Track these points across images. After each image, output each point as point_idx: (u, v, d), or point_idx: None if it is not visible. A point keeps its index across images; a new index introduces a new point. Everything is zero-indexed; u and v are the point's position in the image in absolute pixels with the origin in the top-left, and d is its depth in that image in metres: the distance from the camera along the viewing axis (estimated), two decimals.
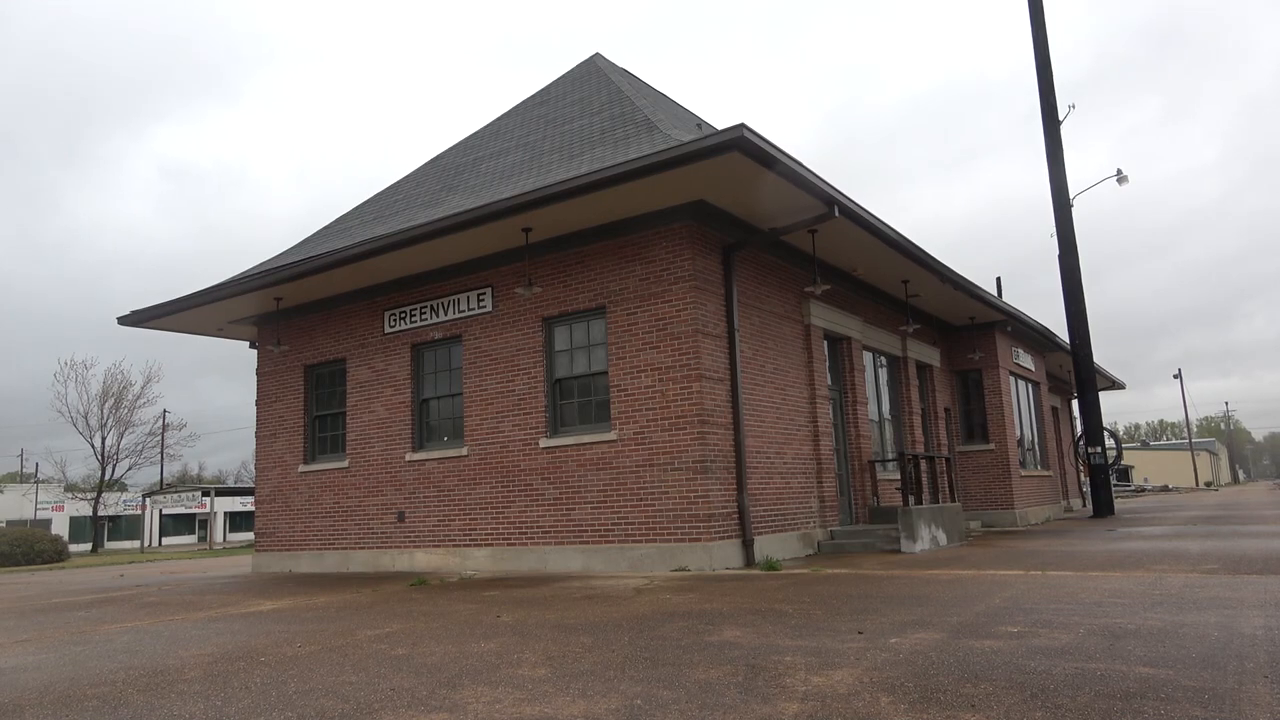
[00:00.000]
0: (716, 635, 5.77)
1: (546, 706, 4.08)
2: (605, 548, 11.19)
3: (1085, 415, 21.40)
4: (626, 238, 11.55)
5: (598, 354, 11.82)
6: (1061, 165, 21.99)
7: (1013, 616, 6.06)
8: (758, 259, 12.44)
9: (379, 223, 14.59)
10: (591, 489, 11.42)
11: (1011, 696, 3.89)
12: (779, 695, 4.09)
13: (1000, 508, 19.33)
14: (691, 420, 10.73)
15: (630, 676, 4.63)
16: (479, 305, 12.94)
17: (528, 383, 12.27)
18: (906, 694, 4.01)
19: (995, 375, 20.01)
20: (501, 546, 12.18)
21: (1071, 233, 21.72)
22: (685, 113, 17.24)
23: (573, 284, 12.00)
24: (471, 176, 14.57)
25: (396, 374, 13.83)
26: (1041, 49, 22.32)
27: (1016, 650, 4.87)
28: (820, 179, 10.62)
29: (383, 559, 13.50)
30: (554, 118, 15.08)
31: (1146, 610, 6.10)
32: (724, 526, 10.75)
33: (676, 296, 11.04)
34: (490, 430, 12.54)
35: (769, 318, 12.58)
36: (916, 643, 5.20)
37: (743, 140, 9.27)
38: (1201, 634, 5.13)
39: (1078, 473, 28.42)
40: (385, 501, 13.67)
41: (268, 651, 6.03)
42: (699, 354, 10.83)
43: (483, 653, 5.54)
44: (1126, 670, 4.29)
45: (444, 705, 4.21)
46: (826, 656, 4.91)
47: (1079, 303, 21.31)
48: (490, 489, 12.43)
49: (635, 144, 11.65)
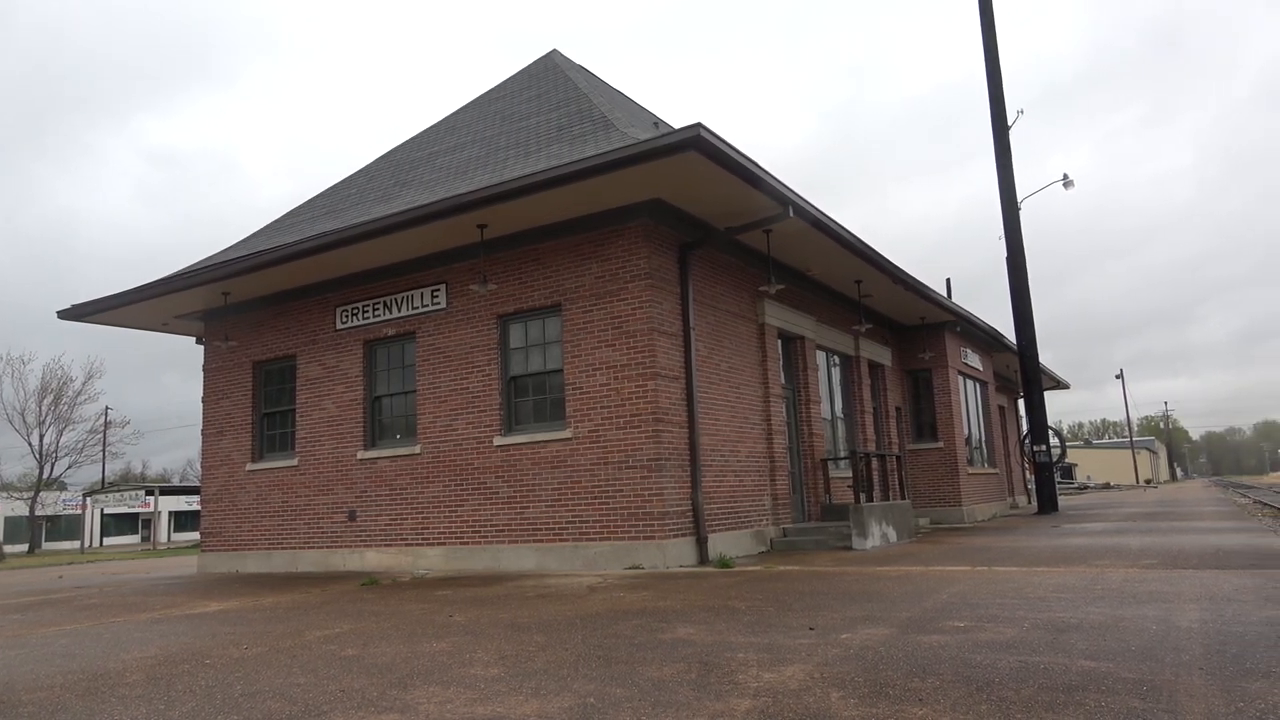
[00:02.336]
0: (670, 633, 5.79)
1: (499, 706, 4.06)
2: (559, 546, 11.16)
3: (1031, 414, 21.88)
4: (583, 235, 11.53)
5: (553, 352, 11.79)
6: (1010, 169, 22.43)
7: (960, 612, 6.17)
8: (713, 258, 12.50)
9: (330, 217, 14.37)
10: (546, 487, 11.39)
11: (958, 690, 3.96)
12: (731, 692, 4.12)
13: (949, 505, 19.69)
14: (646, 418, 10.75)
15: (584, 675, 4.62)
16: (433, 302, 12.81)
17: (482, 380, 12.18)
18: (856, 689, 4.07)
19: (945, 375, 20.37)
20: (455, 545, 12.08)
21: (1019, 236, 22.16)
22: (643, 111, 17.25)
23: (528, 281, 11.94)
24: (426, 171, 14.42)
25: (348, 371, 13.64)
26: (992, 57, 22.74)
27: (963, 645, 4.96)
28: (776, 179, 10.71)
29: (333, 558, 13.31)
30: (510, 113, 14.99)
31: (1088, 605, 6.26)
32: (678, 524, 10.79)
33: (632, 295, 11.05)
34: (444, 428, 12.43)
35: (724, 316, 12.65)
36: (866, 638, 5.28)
37: (699, 139, 9.31)
38: (1141, 627, 5.28)
39: (1023, 470, 29.05)
40: (336, 500, 13.47)
41: (213, 653, 5.91)
42: (654, 352, 10.85)
43: (435, 652, 5.50)
44: (1069, 663, 4.40)
45: (394, 706, 4.16)
46: (778, 653, 4.95)
47: (1026, 304, 21.77)
48: (444, 487, 12.32)
49: (592, 141, 11.63)
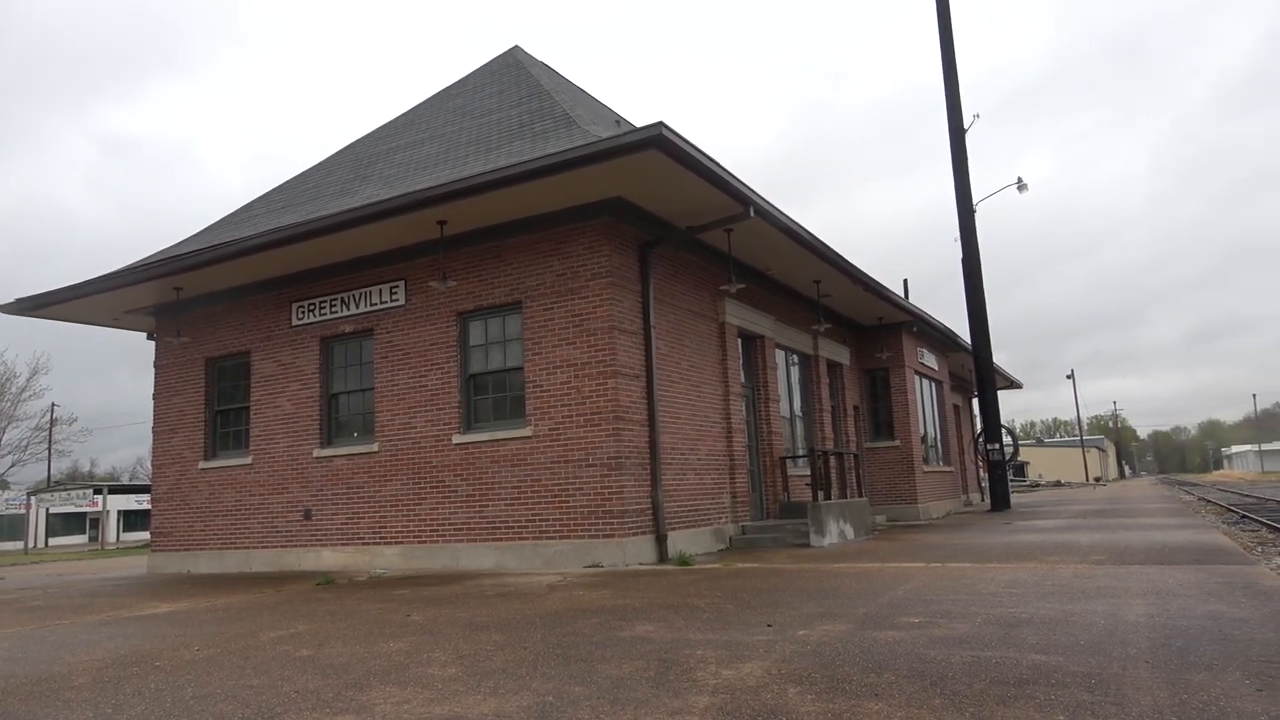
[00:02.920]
0: (629, 631, 5.80)
1: (457, 706, 4.03)
2: (519, 545, 11.11)
3: (985, 413, 22.26)
4: (544, 233, 11.49)
5: (513, 349, 11.73)
6: (965, 172, 22.80)
7: (915, 608, 6.26)
8: (674, 257, 12.53)
9: (287, 211, 14.14)
10: (505, 485, 11.33)
11: (912, 685, 4.02)
12: (690, 689, 4.13)
13: (905, 502, 19.95)
14: (607, 416, 10.74)
15: (542, 674, 4.61)
16: (391, 299, 12.67)
17: (441, 378, 12.08)
18: (813, 684, 4.11)
19: (902, 374, 20.64)
20: (413, 544, 11.97)
21: (974, 238, 22.54)
22: (605, 109, 17.23)
23: (489, 278, 11.87)
24: (385, 166, 14.26)
25: (304, 368, 13.44)
26: (949, 61, 23.08)
27: (918, 640, 5.03)
28: (737, 179, 10.77)
29: (288, 558, 13.12)
30: (471, 109, 14.88)
31: (1039, 600, 6.39)
32: (638, 523, 10.80)
33: (593, 293, 11.03)
34: (402, 426, 12.31)
35: (685, 315, 12.69)
36: (823, 635, 5.33)
37: (661, 138, 9.32)
38: (1089, 622, 5.40)
39: (977, 468, 29.54)
40: (291, 499, 13.28)
41: (163, 655, 5.79)
42: (615, 350, 10.84)
43: (391, 652, 5.44)
44: (1020, 657, 4.48)
45: (350, 707, 4.11)
46: (737, 650, 4.98)
47: (980, 305, 22.14)
48: (401, 485, 12.20)
49: (554, 139, 11.59)
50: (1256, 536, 13.58)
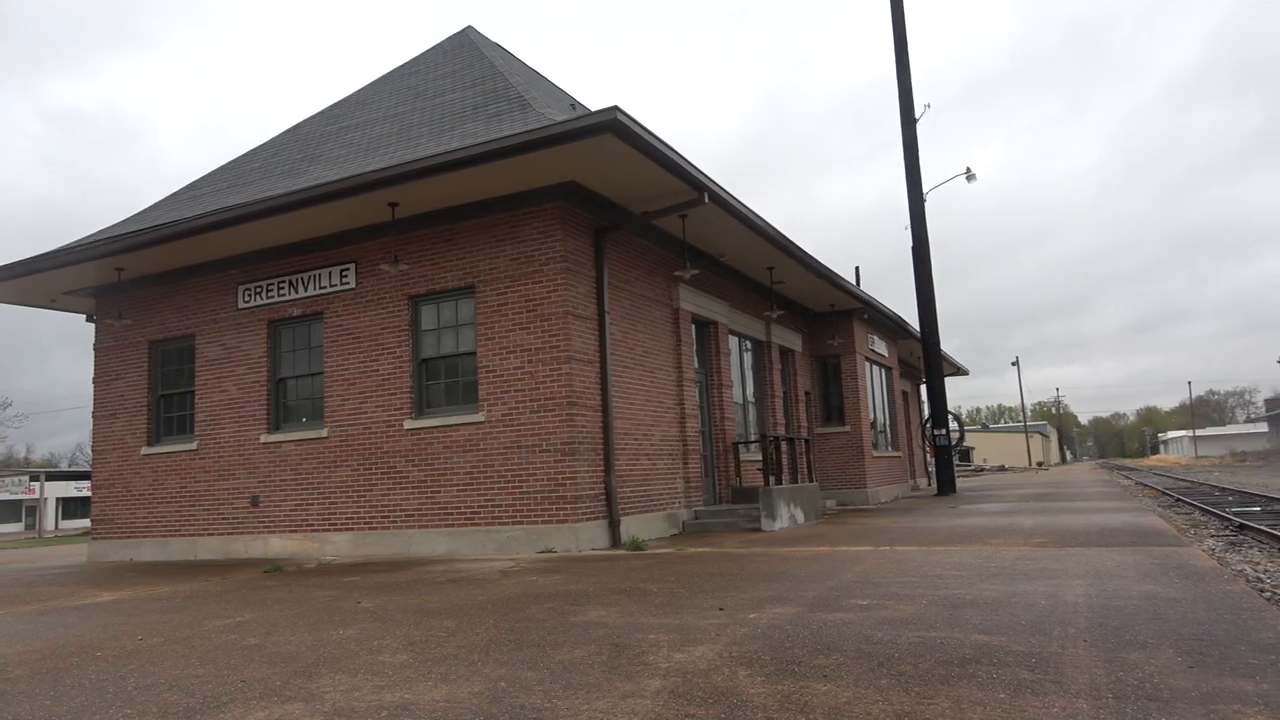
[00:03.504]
0: (582, 615, 5.81)
1: (407, 693, 4.01)
2: (471, 530, 11.06)
3: (932, 399, 22.67)
4: (498, 216, 11.39)
5: (466, 334, 11.63)
6: (916, 161, 23.09)
7: (863, 590, 6.37)
8: (629, 242, 12.51)
9: (233, 191, 13.82)
10: (458, 471, 11.26)
11: (860, 666, 4.10)
12: (642, 672, 4.16)
13: (854, 487, 20.27)
14: (560, 402, 10.72)
15: (494, 659, 4.61)
16: (341, 282, 12.47)
17: (392, 363, 11.94)
18: (763, 667, 4.17)
19: (852, 361, 20.92)
20: (363, 531, 11.85)
21: (924, 226, 22.87)
22: (560, 92, 17.10)
23: (441, 262, 11.74)
24: (335, 147, 13.99)
25: (251, 352, 13.18)
26: (901, 50, 23.32)
27: (866, 622, 5.13)
28: (692, 164, 10.78)
29: (234, 545, 12.89)
30: (424, 90, 14.66)
31: (983, 582, 6.54)
32: (591, 508, 10.82)
33: (547, 278, 10.98)
34: (352, 411, 12.15)
35: (639, 301, 12.70)
36: (774, 617, 5.40)
37: (616, 123, 9.29)
38: (1031, 603, 5.55)
39: (924, 453, 30.11)
40: (238, 485, 13.04)
41: (105, 645, 5.66)
42: (569, 336, 10.82)
43: (341, 640, 5.39)
44: (964, 638, 4.59)
45: (299, 695, 4.07)
46: (689, 633, 5.03)
47: (929, 293, 22.49)
48: (351, 472, 12.06)
49: (508, 121, 11.48)
50: (1190, 519, 14.06)
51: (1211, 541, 10.61)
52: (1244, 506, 16.38)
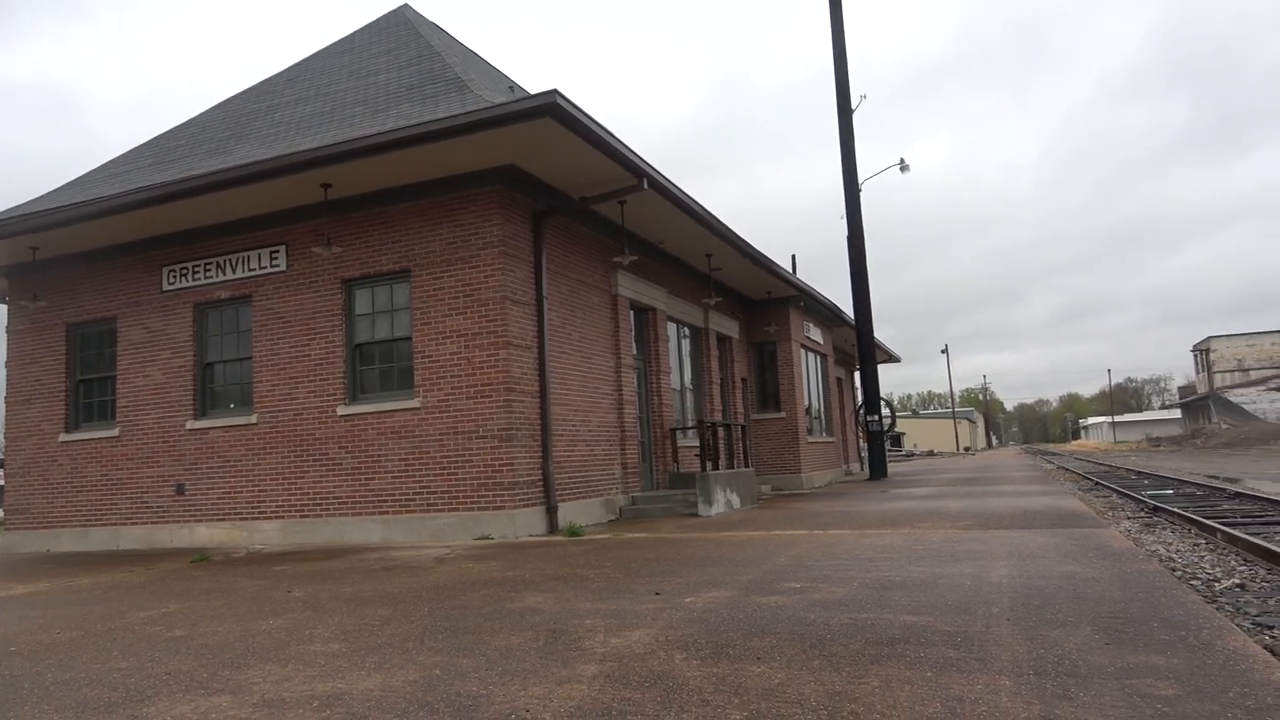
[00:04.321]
0: (518, 602, 5.80)
1: (340, 682, 3.95)
2: (406, 518, 10.93)
3: (865, 386, 23.12)
4: (434, 199, 11.21)
5: (401, 319, 11.45)
6: (852, 152, 23.43)
7: (796, 573, 6.48)
8: (567, 227, 12.45)
9: (157, 169, 13.34)
10: (392, 458, 11.10)
11: (793, 647, 4.17)
12: (578, 658, 4.17)
13: (789, 472, 20.58)
14: (498, 388, 10.64)
15: (429, 647, 4.57)
16: (271, 264, 12.16)
17: (325, 347, 11.70)
18: (699, 650, 4.21)
19: (788, 348, 21.20)
20: (294, 519, 11.61)
21: (859, 216, 23.23)
22: (499, 74, 16.89)
23: (376, 245, 11.52)
24: (265, 125, 13.60)
25: (176, 335, 12.77)
26: (838, 40, 23.59)
27: (799, 604, 5.22)
28: (631, 151, 10.76)
29: (159, 535, 12.52)
30: (358, 69, 14.33)
31: (912, 564, 6.71)
32: (528, 494, 10.78)
33: (485, 262, 10.86)
34: (283, 397, 11.88)
35: (577, 286, 12.65)
36: (709, 601, 5.46)
37: (555, 106, 9.22)
38: (957, 584, 5.71)
39: (857, 439, 30.71)
40: (162, 473, 12.65)
41: (20, 640, 5.45)
42: (506, 321, 10.73)
43: (271, 630, 5.28)
44: (893, 618, 4.71)
45: (227, 687, 3.98)
46: (625, 618, 5.05)
47: (863, 282, 22.89)
48: (282, 458, 11.79)
49: (445, 102, 11.30)
50: (1108, 502, 14.63)
51: (1128, 523, 11.06)
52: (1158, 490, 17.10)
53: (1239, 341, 70.14)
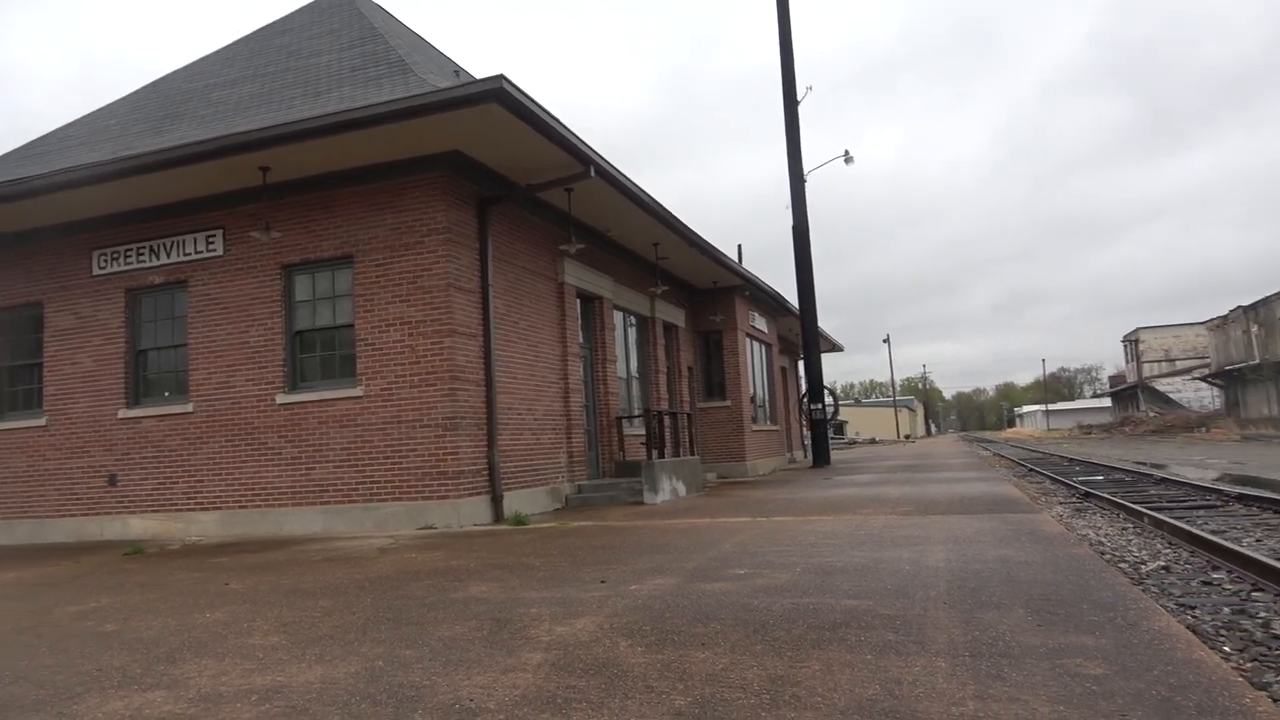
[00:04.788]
0: (463, 592, 5.76)
1: (279, 675, 3.89)
2: (349, 508, 10.77)
3: (809, 374, 23.41)
4: (377, 185, 11.02)
5: (343, 306, 11.25)
6: (798, 143, 23.63)
7: (741, 560, 6.56)
8: (514, 214, 12.35)
9: (86, 149, 12.88)
10: (334, 447, 10.93)
11: (737, 633, 4.22)
12: (524, 646, 4.17)
13: (734, 460, 20.77)
14: (442, 376, 10.53)
15: (372, 638, 4.52)
16: (208, 249, 11.83)
17: (264, 334, 11.44)
18: (644, 637, 4.24)
19: (734, 337, 21.35)
20: (233, 510, 11.36)
21: (804, 207, 23.46)
22: (444, 58, 16.64)
23: (317, 230, 11.29)
24: (201, 105, 13.21)
25: (108, 321, 12.36)
26: (785, 31, 23.74)
27: (742, 591, 5.28)
28: (578, 138, 10.70)
29: (90, 527, 12.14)
30: (298, 49, 13.99)
31: (853, 549, 6.83)
32: (473, 483, 10.70)
33: (429, 249, 10.73)
34: (220, 385, 11.59)
35: (523, 274, 12.57)
36: (654, 588, 5.50)
37: (501, 92, 9.12)
38: (896, 568, 5.84)
39: (801, 427, 31.11)
40: (93, 463, 12.26)
41: None
42: (451, 309, 10.62)
43: (208, 624, 5.17)
44: (834, 603, 4.79)
45: (161, 682, 3.89)
46: (571, 606, 5.06)
47: (808, 272, 23.14)
48: (219, 448, 11.52)
49: (388, 86, 11.10)
50: (1040, 488, 15.07)
51: (1060, 508, 11.41)
52: (1089, 476, 17.68)
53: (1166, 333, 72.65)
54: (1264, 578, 5.79)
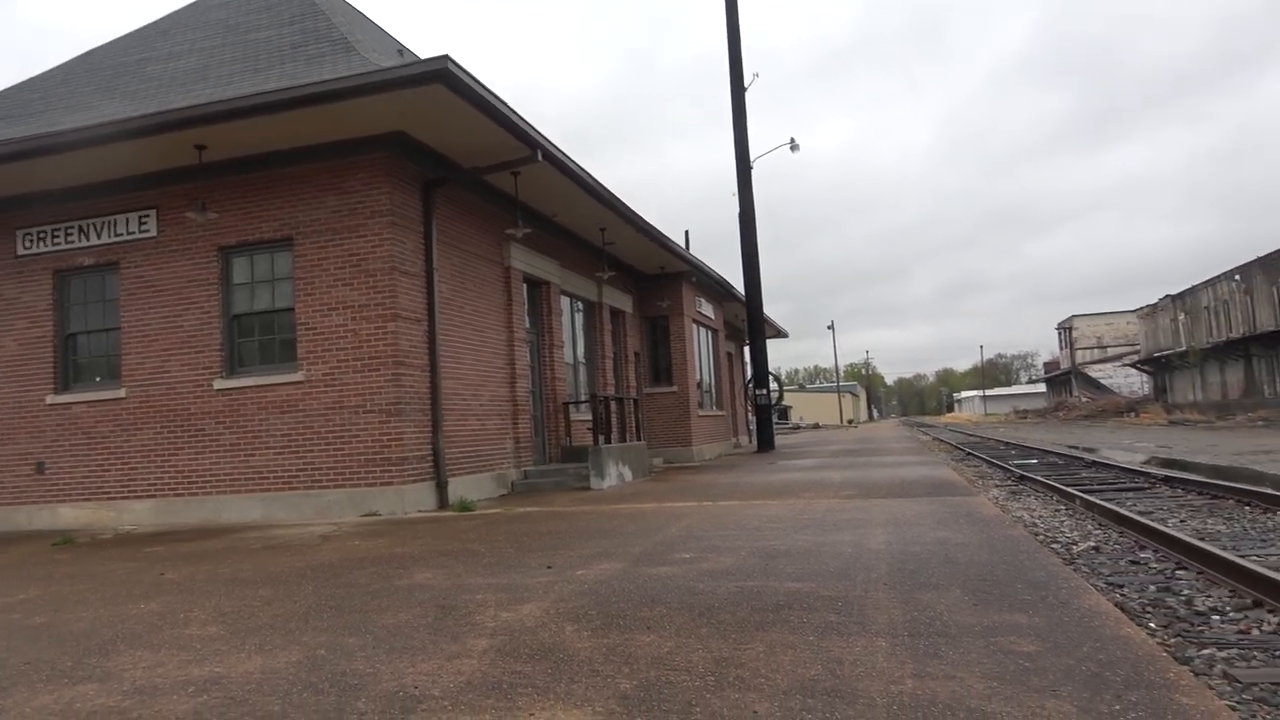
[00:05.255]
0: (407, 579, 5.71)
1: (218, 666, 3.81)
2: (289, 495, 10.58)
3: (755, 360, 23.62)
4: (319, 165, 10.78)
5: (283, 289, 11.01)
6: (744, 130, 23.72)
7: (686, 544, 6.61)
8: (459, 198, 12.20)
9: (10, 123, 12.36)
10: (275, 433, 10.71)
11: (682, 616, 4.26)
12: (469, 633, 4.15)
13: (681, 445, 20.89)
14: (386, 361, 10.39)
15: (314, 627, 4.45)
16: (141, 229, 11.47)
17: (200, 318, 11.14)
18: (590, 621, 4.25)
19: (680, 323, 21.43)
20: (168, 498, 11.08)
21: (750, 193, 23.58)
22: (387, 37, 16.32)
23: (255, 211, 11.02)
24: (133, 80, 12.77)
25: (33, 304, 11.92)
26: (732, 16, 23.77)
27: (688, 574, 5.33)
28: (525, 121, 10.60)
29: (16, 516, 11.73)
30: (236, 24, 13.59)
31: (796, 533, 6.93)
32: (418, 469, 10.60)
33: (373, 232, 10.54)
34: (154, 370, 11.27)
35: (469, 258, 12.43)
36: (601, 573, 5.51)
37: (446, 73, 8.98)
38: (838, 551, 5.94)
39: (746, 412, 31.40)
40: (19, 450, 11.84)
41: None
42: (395, 293, 10.46)
43: (143, 614, 5.05)
44: (778, 586, 4.86)
45: (93, 675, 3.78)
46: (516, 592, 5.05)
47: (754, 258, 23.30)
48: (154, 435, 11.21)
49: (330, 64, 10.86)
50: (978, 471, 15.45)
51: (996, 491, 11.71)
52: (1024, 459, 18.17)
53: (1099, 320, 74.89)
54: (1188, 557, 6.02)
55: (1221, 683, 3.56)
